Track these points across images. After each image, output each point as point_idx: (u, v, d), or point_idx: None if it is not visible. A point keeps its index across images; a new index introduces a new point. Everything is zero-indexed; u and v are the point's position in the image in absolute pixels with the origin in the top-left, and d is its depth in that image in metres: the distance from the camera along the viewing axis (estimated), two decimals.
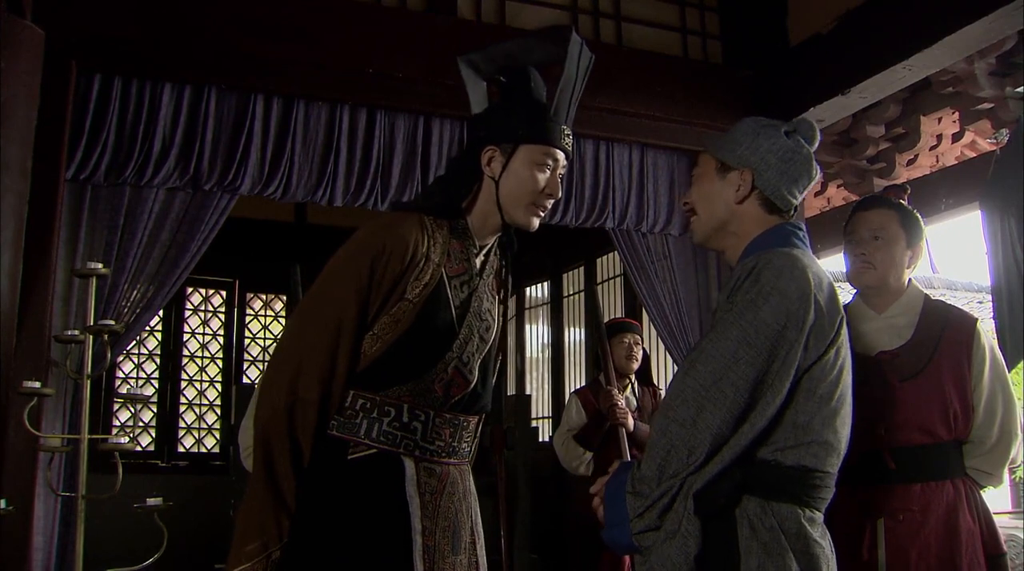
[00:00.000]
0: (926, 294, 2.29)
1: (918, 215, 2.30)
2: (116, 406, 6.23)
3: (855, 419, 1.92)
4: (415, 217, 1.75)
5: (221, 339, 6.78)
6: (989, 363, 2.16)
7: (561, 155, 1.80)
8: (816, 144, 1.80)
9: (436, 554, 1.68)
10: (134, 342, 5.61)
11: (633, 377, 3.94)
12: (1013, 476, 7.86)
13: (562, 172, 1.82)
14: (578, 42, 1.80)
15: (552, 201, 1.82)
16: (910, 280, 2.28)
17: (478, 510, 1.83)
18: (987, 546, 2.09)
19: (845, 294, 2.37)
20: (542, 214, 1.81)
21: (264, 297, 6.96)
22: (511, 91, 1.84)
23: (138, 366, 6.46)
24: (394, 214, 1.81)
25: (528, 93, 1.82)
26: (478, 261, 1.84)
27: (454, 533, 1.73)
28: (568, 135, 1.81)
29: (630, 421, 3.67)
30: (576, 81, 1.82)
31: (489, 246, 1.87)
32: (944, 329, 2.16)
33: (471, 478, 1.85)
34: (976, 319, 2.21)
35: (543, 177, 1.78)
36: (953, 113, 4.65)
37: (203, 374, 6.68)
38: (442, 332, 1.73)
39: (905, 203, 2.32)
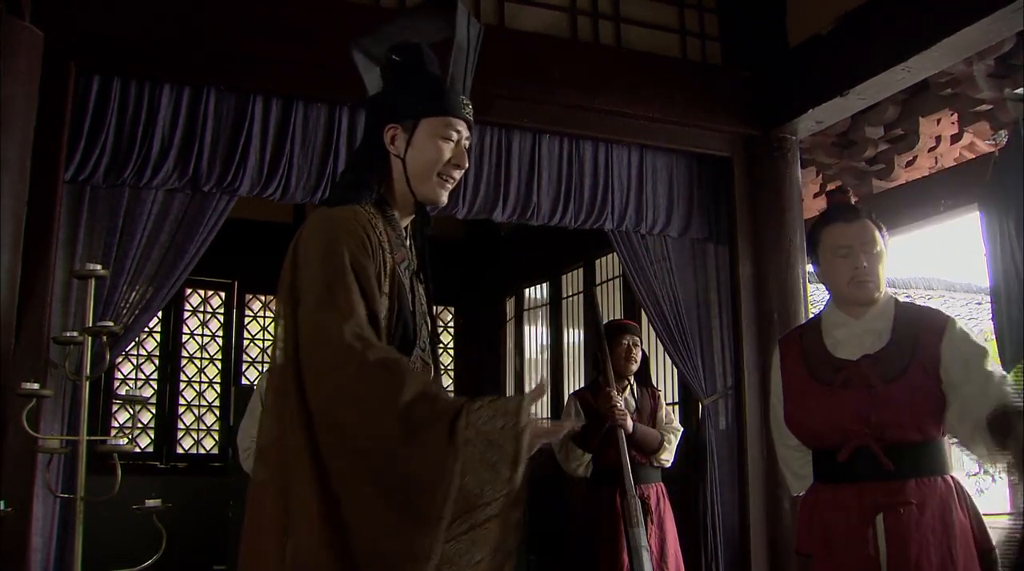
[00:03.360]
0: (895, 297, 2.33)
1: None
2: (115, 407, 6.22)
3: (845, 421, 2.10)
4: (359, 210, 1.69)
5: (220, 340, 6.77)
6: (967, 342, 2.17)
7: (463, 126, 1.79)
8: None
9: None
10: (133, 343, 5.63)
11: (632, 379, 3.94)
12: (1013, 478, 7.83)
13: (467, 143, 1.81)
14: (464, 12, 1.81)
15: (459, 172, 1.80)
16: None
17: None
18: (978, 542, 2.13)
19: (821, 294, 2.41)
20: (449, 186, 1.79)
21: (263, 298, 6.95)
22: (405, 68, 1.81)
23: (137, 367, 6.46)
24: (334, 211, 1.69)
25: (422, 68, 1.79)
26: (408, 244, 1.81)
27: None
28: (468, 105, 1.80)
29: (629, 422, 3.67)
30: (468, 51, 1.81)
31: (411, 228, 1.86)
32: (919, 330, 2.20)
33: None
34: (948, 317, 2.24)
35: (448, 147, 1.76)
36: (952, 115, 4.65)
37: (202, 375, 6.67)
38: (409, 322, 1.70)
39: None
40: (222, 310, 6.81)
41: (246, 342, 6.85)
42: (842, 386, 2.18)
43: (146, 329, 6.18)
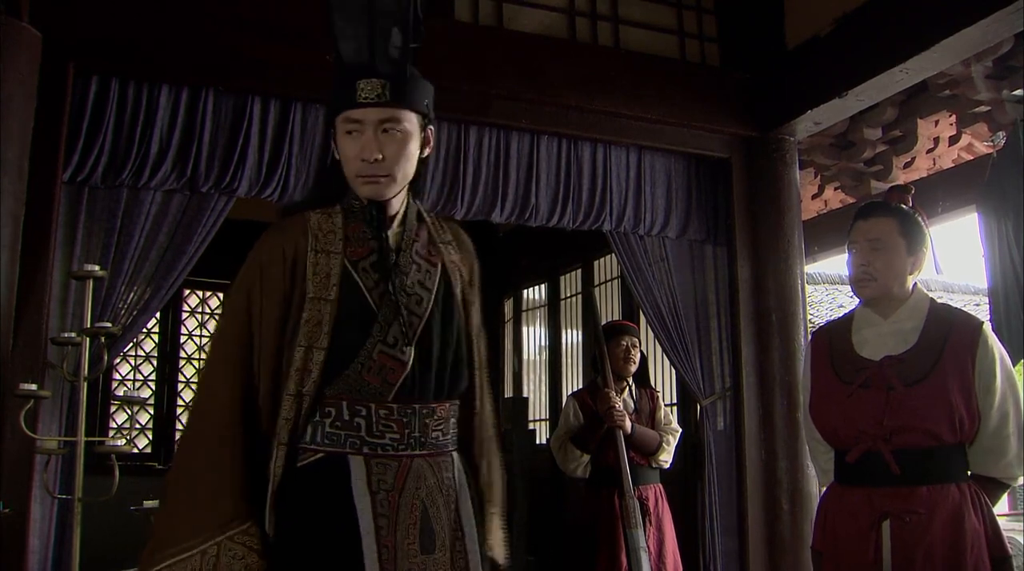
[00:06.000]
0: (931, 298, 2.29)
1: (920, 219, 2.28)
2: (113, 408, 6.22)
3: (860, 423, 2.08)
4: (297, 218, 1.71)
5: None
6: (1000, 366, 2.14)
7: (365, 113, 1.65)
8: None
9: (398, 554, 1.59)
10: (131, 344, 5.62)
11: (631, 379, 3.94)
12: None
13: (386, 126, 1.66)
14: None
15: (377, 163, 1.66)
16: (915, 284, 2.28)
17: (467, 502, 1.71)
18: (992, 548, 2.08)
19: (848, 298, 2.39)
20: (376, 182, 1.68)
21: None
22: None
23: (135, 368, 6.45)
24: (278, 222, 1.73)
25: (337, 55, 1.68)
26: (394, 234, 1.75)
27: (424, 531, 1.63)
28: (371, 86, 1.64)
29: (627, 423, 3.67)
30: (373, 14, 1.64)
31: (402, 216, 1.77)
32: (949, 333, 2.16)
33: (457, 470, 1.73)
34: (981, 322, 2.20)
35: (354, 144, 1.66)
36: (950, 116, 4.66)
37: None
38: (359, 319, 1.65)
39: (908, 206, 2.31)
40: (220, 311, 6.81)
41: None
42: (861, 387, 2.17)
43: (144, 330, 6.17)
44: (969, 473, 2.17)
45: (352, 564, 1.56)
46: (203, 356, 6.70)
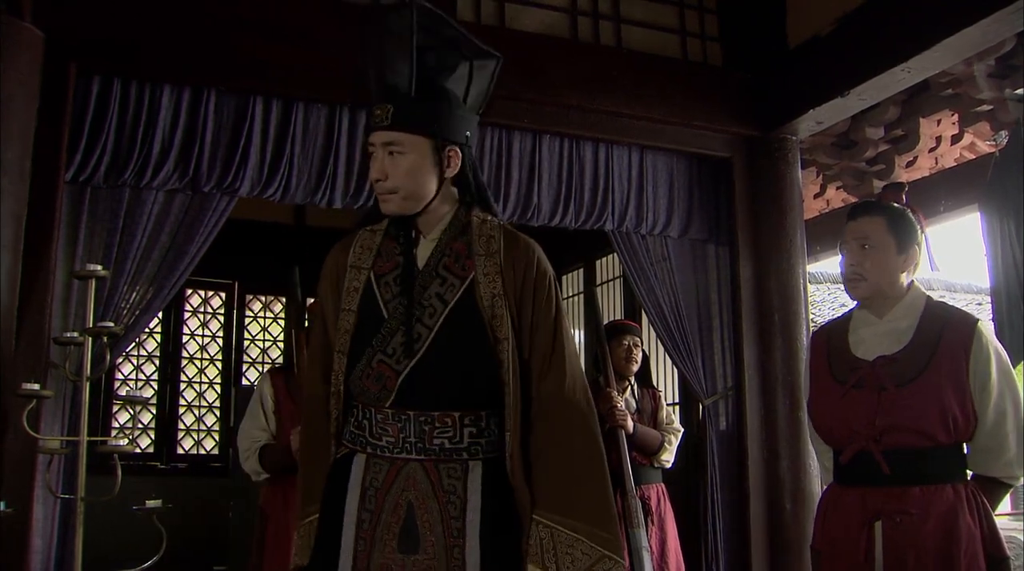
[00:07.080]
0: (928, 296, 2.27)
1: (911, 216, 2.26)
2: (115, 408, 6.21)
3: (854, 423, 2.07)
4: (350, 236, 1.91)
5: (220, 341, 6.76)
6: (995, 363, 2.12)
7: (375, 136, 1.77)
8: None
9: (375, 548, 1.69)
10: (133, 344, 5.63)
11: (632, 379, 3.93)
12: None
13: (385, 147, 1.76)
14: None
15: (381, 183, 1.77)
16: (911, 282, 2.26)
17: (476, 512, 1.71)
18: (988, 548, 2.07)
19: (846, 297, 2.37)
20: (385, 200, 1.79)
21: (263, 299, 6.94)
22: None
23: (137, 368, 6.45)
24: (340, 241, 1.95)
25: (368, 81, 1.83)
26: (426, 249, 1.83)
27: (406, 531, 1.69)
28: (383, 109, 1.75)
29: (629, 423, 3.67)
30: (386, 46, 1.75)
31: (440, 231, 1.84)
32: (943, 331, 2.14)
33: (472, 479, 1.73)
34: (976, 320, 2.18)
35: (371, 165, 1.80)
36: (952, 115, 4.65)
37: (202, 376, 6.66)
38: (370, 329, 1.79)
39: (900, 204, 2.30)
40: (222, 311, 6.80)
41: (246, 343, 6.84)
42: (854, 387, 2.16)
43: (146, 330, 6.17)
44: (970, 474, 2.16)
45: (335, 549, 1.72)
46: (205, 356, 6.71)
